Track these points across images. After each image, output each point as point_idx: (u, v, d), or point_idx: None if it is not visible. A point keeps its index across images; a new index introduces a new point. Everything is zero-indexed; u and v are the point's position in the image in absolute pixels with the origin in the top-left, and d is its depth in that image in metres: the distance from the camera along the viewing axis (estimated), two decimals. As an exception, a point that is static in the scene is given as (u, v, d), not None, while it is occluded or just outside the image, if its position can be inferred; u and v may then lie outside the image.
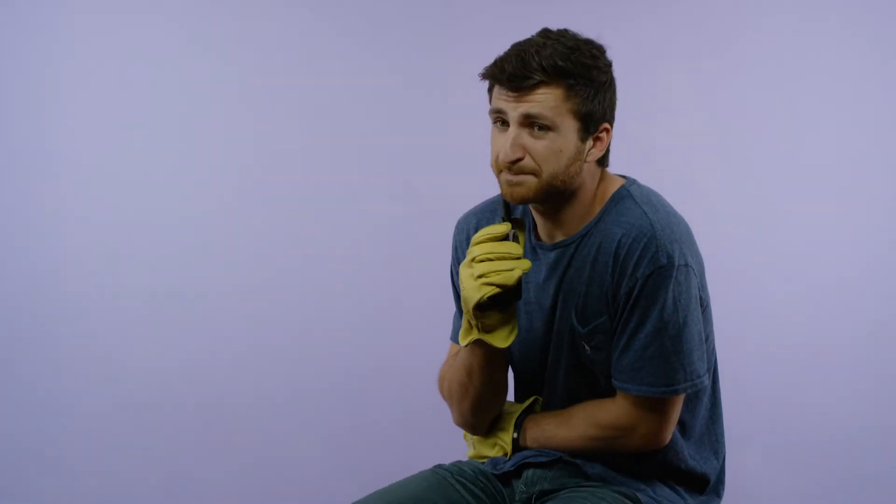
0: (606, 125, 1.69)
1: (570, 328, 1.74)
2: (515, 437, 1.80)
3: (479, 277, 1.61)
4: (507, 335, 1.67)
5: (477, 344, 1.69)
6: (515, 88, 1.62)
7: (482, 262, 1.62)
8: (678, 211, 1.74)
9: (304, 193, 3.00)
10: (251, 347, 2.99)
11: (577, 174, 1.68)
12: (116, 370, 2.95)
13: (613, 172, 1.78)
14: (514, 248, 1.62)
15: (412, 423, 3.00)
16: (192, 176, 2.97)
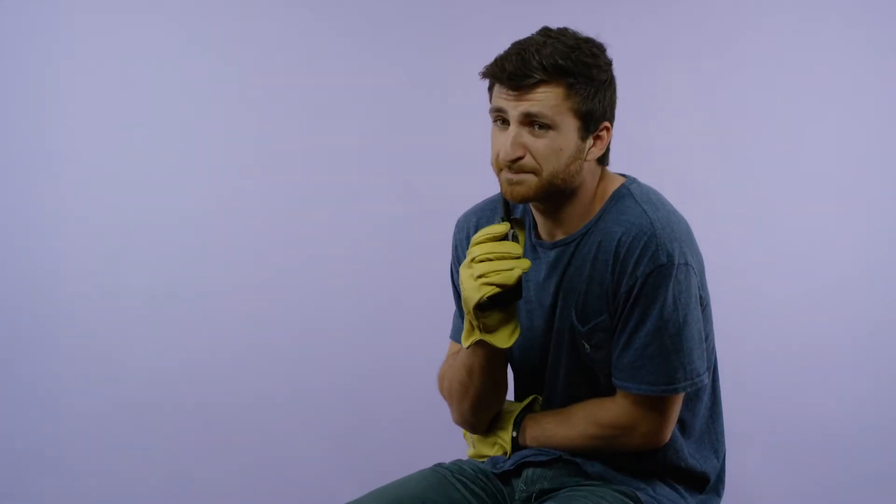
0: (606, 124, 1.69)
1: (570, 327, 1.74)
2: (515, 435, 1.80)
3: (478, 277, 1.61)
4: (508, 335, 1.67)
5: (478, 344, 1.69)
6: (516, 87, 1.62)
7: (482, 262, 1.62)
8: (678, 210, 1.74)
9: (304, 193, 3.00)
10: (251, 347, 2.99)
11: (577, 173, 1.67)
12: (116, 370, 2.95)
13: (613, 171, 1.78)
14: (513, 247, 1.62)
15: (412, 422, 3.00)
16: (192, 176, 2.97)
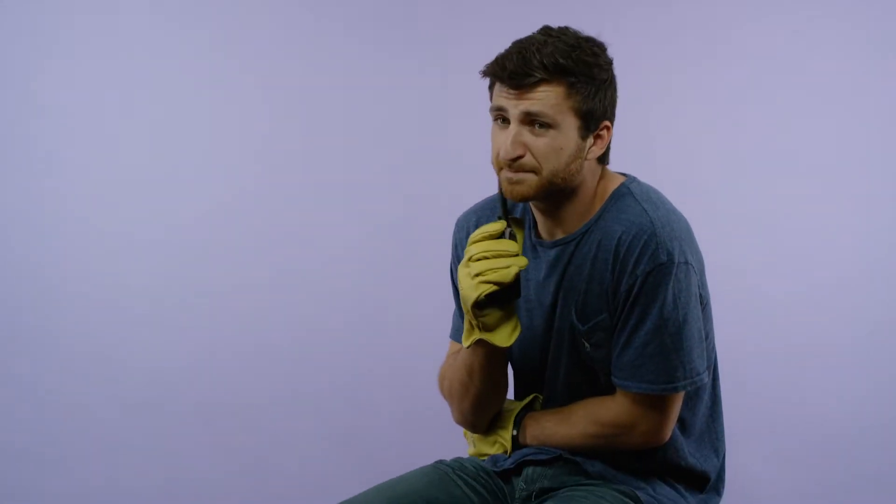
0: (607, 123, 1.69)
1: (570, 326, 1.74)
2: (515, 434, 1.80)
3: (476, 276, 1.61)
4: (509, 334, 1.66)
5: (478, 344, 1.69)
6: (516, 86, 1.62)
7: (479, 260, 1.62)
8: (678, 209, 1.74)
9: (303, 193, 3.00)
10: (251, 347, 2.99)
11: (577, 172, 1.67)
12: (116, 370, 2.95)
13: (614, 170, 1.78)
14: (510, 245, 1.62)
15: (412, 422, 3.00)
16: (192, 176, 2.97)
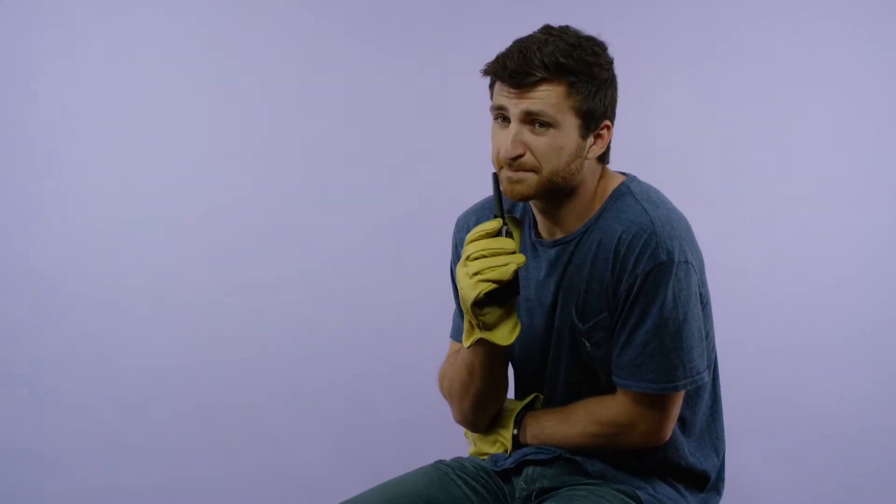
0: (607, 122, 1.69)
1: (570, 325, 1.74)
2: (516, 433, 1.80)
3: (474, 275, 1.61)
4: (509, 332, 1.66)
5: (479, 343, 1.69)
6: (517, 85, 1.62)
7: (476, 259, 1.62)
8: (677, 208, 1.74)
9: (303, 193, 3.00)
10: (251, 347, 2.99)
11: (577, 171, 1.67)
12: (116, 370, 2.95)
13: (614, 170, 1.78)
14: (507, 243, 1.62)
15: (412, 422, 2.99)
16: (192, 176, 2.97)
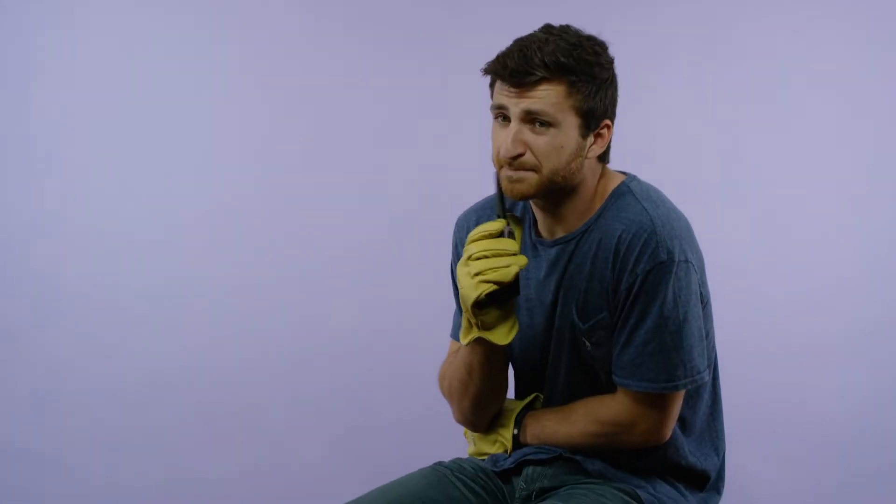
0: (608, 122, 1.69)
1: (570, 324, 1.74)
2: (516, 433, 1.80)
3: (475, 275, 1.60)
4: (507, 332, 1.66)
5: (477, 342, 1.69)
6: (517, 84, 1.62)
7: (478, 259, 1.61)
8: (678, 208, 1.74)
9: (304, 194, 3.00)
10: (251, 347, 2.99)
11: (577, 170, 1.67)
12: (116, 370, 2.95)
13: (614, 169, 1.78)
14: (509, 244, 1.62)
15: (412, 422, 2.99)
16: (192, 176, 2.97)
